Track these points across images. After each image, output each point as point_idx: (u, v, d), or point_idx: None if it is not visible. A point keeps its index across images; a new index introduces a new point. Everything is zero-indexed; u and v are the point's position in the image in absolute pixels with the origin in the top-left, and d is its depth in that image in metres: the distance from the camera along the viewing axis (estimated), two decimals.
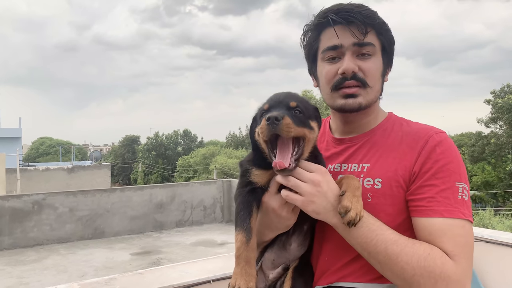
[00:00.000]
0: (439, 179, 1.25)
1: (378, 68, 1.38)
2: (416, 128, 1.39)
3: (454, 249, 1.18)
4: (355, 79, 1.35)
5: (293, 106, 1.25)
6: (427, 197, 1.24)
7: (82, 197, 13.88)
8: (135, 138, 69.55)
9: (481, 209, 28.64)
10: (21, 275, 10.12)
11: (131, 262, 11.17)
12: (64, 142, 67.89)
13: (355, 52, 1.35)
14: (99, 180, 25.40)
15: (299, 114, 1.24)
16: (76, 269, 10.46)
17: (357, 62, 1.35)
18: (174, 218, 15.48)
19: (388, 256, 1.16)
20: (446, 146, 1.30)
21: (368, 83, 1.36)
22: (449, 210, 1.21)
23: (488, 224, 21.16)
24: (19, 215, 12.81)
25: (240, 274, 1.16)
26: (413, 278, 1.14)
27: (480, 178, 38.59)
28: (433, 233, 1.20)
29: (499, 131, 37.82)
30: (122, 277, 2.84)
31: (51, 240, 13.18)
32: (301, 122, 1.23)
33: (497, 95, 37.33)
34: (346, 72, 1.34)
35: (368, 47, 1.35)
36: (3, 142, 27.12)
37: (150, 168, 57.78)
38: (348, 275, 1.32)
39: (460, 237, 1.20)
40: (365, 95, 1.37)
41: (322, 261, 1.38)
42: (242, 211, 1.25)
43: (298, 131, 1.21)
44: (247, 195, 1.28)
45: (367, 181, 1.34)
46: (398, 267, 1.15)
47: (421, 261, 1.14)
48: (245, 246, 1.18)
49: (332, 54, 1.37)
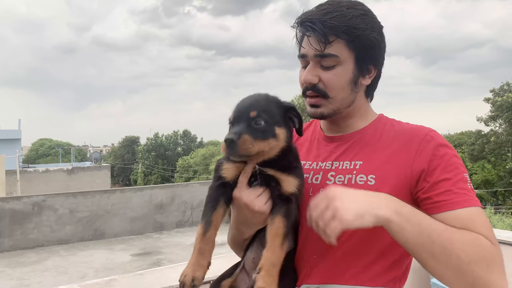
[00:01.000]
0: (449, 172, 1.25)
1: (341, 78, 1.34)
2: (408, 127, 1.39)
3: (487, 233, 1.16)
4: (314, 89, 1.35)
5: (253, 116, 1.20)
6: (444, 191, 1.22)
7: (82, 199, 13.88)
8: (135, 139, 69.52)
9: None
10: (22, 277, 10.13)
11: (131, 263, 11.18)
12: (64, 143, 67.87)
13: (318, 63, 1.34)
14: (99, 181, 25.42)
15: (260, 124, 1.20)
16: (76, 270, 10.47)
17: (319, 72, 1.33)
18: (174, 218, 15.48)
19: (443, 247, 1.10)
20: (442, 142, 1.31)
21: (328, 94, 1.34)
22: (468, 200, 1.21)
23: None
24: (19, 217, 12.81)
25: (191, 264, 1.19)
26: (468, 266, 1.09)
27: (480, 177, 38.60)
28: (465, 222, 1.17)
29: (499, 129, 37.86)
30: (122, 278, 2.84)
31: (51, 242, 13.18)
32: (262, 133, 1.19)
33: (497, 94, 37.35)
34: (304, 83, 1.36)
35: (329, 58, 1.31)
36: (3, 144, 27.12)
37: (150, 169, 57.79)
38: (337, 274, 1.30)
39: (486, 222, 1.20)
40: (327, 105, 1.36)
41: (311, 260, 1.35)
42: (207, 204, 1.26)
43: (259, 147, 1.18)
44: (215, 190, 1.28)
45: (360, 178, 1.32)
46: (454, 256, 1.09)
47: (474, 246, 1.11)
48: (201, 238, 1.20)
49: (302, 61, 1.40)
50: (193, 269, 1.17)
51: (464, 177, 1.25)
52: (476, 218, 1.19)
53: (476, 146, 38.76)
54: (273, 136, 1.21)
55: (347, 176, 1.34)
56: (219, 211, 1.25)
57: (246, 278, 1.39)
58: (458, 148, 43.83)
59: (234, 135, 1.16)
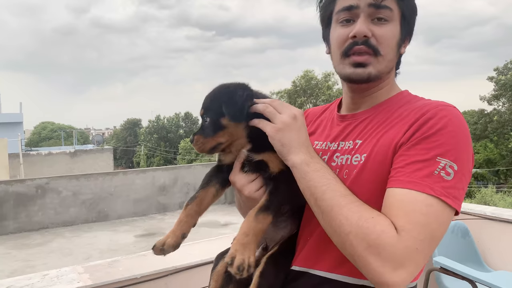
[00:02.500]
0: (416, 149, 1.11)
1: (393, 36, 1.27)
2: (423, 103, 1.24)
3: (405, 225, 1.02)
4: (366, 44, 1.24)
5: (202, 115, 1.31)
6: (397, 167, 1.11)
7: (85, 181, 13.95)
8: (137, 121, 69.49)
9: (483, 187, 28.72)
10: (27, 258, 10.26)
11: (135, 244, 11.30)
12: (66, 126, 67.97)
13: (371, 15, 1.24)
14: (102, 163, 25.50)
15: (207, 120, 1.29)
16: (81, 252, 10.59)
17: (371, 26, 1.24)
18: (177, 200, 15.58)
19: (331, 206, 1.08)
20: (442, 119, 1.13)
21: (380, 51, 1.24)
22: (415, 182, 1.06)
23: (490, 202, 21.25)
24: (23, 200, 12.91)
25: (169, 232, 1.28)
26: (347, 236, 1.05)
27: (482, 156, 38.59)
28: (390, 204, 1.07)
29: (502, 108, 37.65)
30: (125, 259, 2.85)
31: (55, 224, 13.31)
32: (210, 129, 1.28)
33: (500, 72, 37.01)
34: (357, 36, 1.24)
35: (384, 10, 1.23)
36: (5, 127, 27.13)
37: (152, 151, 57.92)
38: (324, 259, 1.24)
39: (419, 215, 1.03)
40: (375, 64, 1.26)
41: (303, 240, 1.32)
42: (201, 183, 1.34)
43: (210, 143, 1.28)
44: (211, 170, 1.37)
45: (355, 158, 1.24)
46: (337, 221, 1.07)
47: (361, 221, 1.03)
48: (183, 210, 1.29)
49: (346, 15, 1.27)
50: (167, 236, 1.27)
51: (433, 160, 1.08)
52: (408, 205, 1.05)
53: (479, 125, 38.63)
54: (221, 128, 1.27)
55: (347, 156, 1.28)
56: (209, 190, 1.32)
57: None
58: None
59: (191, 137, 1.31)
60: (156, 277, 2.60)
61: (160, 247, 1.25)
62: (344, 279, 1.19)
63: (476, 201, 21.54)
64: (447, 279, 3.58)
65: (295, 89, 40.42)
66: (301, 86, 39.97)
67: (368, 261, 1.02)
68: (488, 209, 4.21)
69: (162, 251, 1.25)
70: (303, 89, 39.70)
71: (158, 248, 1.25)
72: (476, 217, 4.08)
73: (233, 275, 1.12)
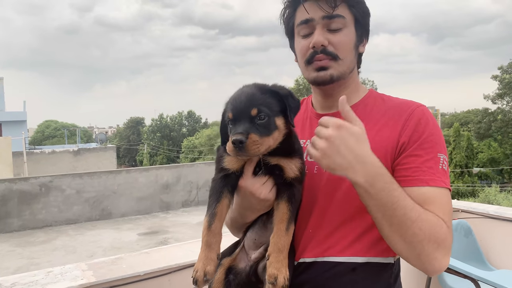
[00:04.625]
0: (423, 149, 1.30)
1: (350, 40, 1.41)
2: (398, 102, 1.43)
3: (444, 217, 1.23)
4: (325, 53, 1.38)
5: (254, 114, 1.20)
6: (413, 167, 1.29)
7: (88, 179, 14.01)
8: (140, 120, 69.63)
9: (487, 186, 28.62)
10: (32, 256, 10.32)
11: (138, 242, 11.34)
12: (69, 125, 68.07)
13: (325, 26, 1.38)
14: (105, 162, 25.56)
15: (263, 119, 1.20)
16: (85, 250, 10.64)
17: (328, 35, 1.38)
18: (180, 198, 15.62)
19: (404, 222, 1.18)
20: (428, 119, 1.35)
21: (338, 55, 1.39)
22: (433, 179, 1.27)
23: (494, 201, 21.18)
24: (27, 198, 12.97)
25: (201, 258, 1.20)
26: (421, 243, 1.18)
27: (486, 155, 38.43)
28: (427, 202, 1.24)
29: (506, 107, 37.49)
30: (128, 256, 2.87)
31: (59, 222, 13.38)
32: (267, 128, 1.20)
33: (505, 71, 36.83)
34: (315, 46, 1.38)
35: (338, 19, 1.37)
36: (9, 126, 27.26)
37: (155, 150, 58.04)
38: (331, 246, 1.34)
39: (446, 205, 1.26)
40: (336, 67, 1.39)
41: (307, 234, 1.39)
42: (211, 197, 1.28)
43: (266, 143, 1.19)
44: (219, 181, 1.29)
45: None
46: (410, 232, 1.18)
47: (432, 227, 1.19)
48: (207, 231, 1.21)
49: (305, 28, 1.41)
50: (204, 264, 1.19)
51: (436, 157, 1.29)
52: (437, 199, 1.25)
53: (483, 124, 38.48)
54: (276, 128, 1.23)
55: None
56: (224, 202, 1.27)
57: (245, 257, 1.41)
58: (465, 126, 43.56)
59: (242, 136, 1.15)
60: (159, 275, 2.61)
61: (204, 278, 1.18)
62: (351, 260, 1.33)
63: (480, 200, 21.49)
64: (450, 278, 3.57)
65: (298, 87, 40.39)
66: (304, 85, 39.91)
67: (433, 256, 1.19)
68: (491, 208, 4.20)
69: (207, 282, 1.19)
70: (306, 87, 39.63)
71: (201, 281, 1.18)
72: (479, 216, 4.07)
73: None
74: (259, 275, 1.35)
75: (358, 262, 1.33)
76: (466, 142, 35.21)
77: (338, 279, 1.33)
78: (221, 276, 1.38)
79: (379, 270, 1.34)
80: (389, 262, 1.36)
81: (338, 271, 1.33)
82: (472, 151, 35.94)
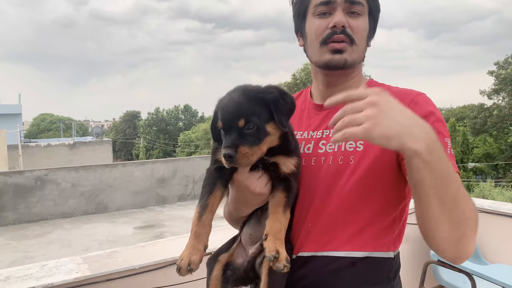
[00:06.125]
0: None
1: (365, 28, 1.42)
2: (397, 90, 1.41)
3: None
4: (344, 33, 1.37)
5: (242, 125, 1.16)
6: None
7: (84, 173, 13.96)
8: (136, 114, 69.36)
9: (482, 181, 28.79)
10: (26, 249, 10.30)
11: (134, 236, 11.34)
12: (65, 118, 67.77)
13: (346, 9, 1.38)
14: (101, 155, 25.49)
15: (252, 128, 1.17)
16: (80, 243, 10.63)
17: (347, 18, 1.38)
18: (176, 192, 15.61)
19: (457, 197, 1.07)
20: (430, 106, 1.34)
21: (355, 40, 1.38)
22: None
23: (488, 196, 21.33)
24: (22, 191, 12.92)
25: (187, 247, 1.20)
26: (466, 221, 1.10)
27: (481, 150, 38.62)
28: None
29: (502, 102, 37.63)
30: (124, 250, 2.86)
31: (54, 215, 13.35)
32: (257, 137, 1.18)
33: (501, 66, 36.94)
34: (337, 26, 1.36)
35: (358, 5, 1.38)
36: (4, 119, 27.06)
37: (151, 144, 57.91)
38: (331, 241, 1.32)
39: (464, 189, 1.17)
40: (351, 52, 1.39)
41: (305, 228, 1.37)
42: (204, 188, 1.28)
43: (258, 152, 1.18)
44: (213, 173, 1.29)
45: (349, 145, 1.35)
46: (460, 209, 1.08)
47: (473, 206, 1.12)
48: (197, 222, 1.21)
49: (324, 8, 1.40)
50: (190, 253, 1.19)
51: (445, 142, 1.26)
52: None
53: (478, 120, 38.65)
54: (267, 134, 1.21)
55: (337, 143, 1.37)
56: (216, 194, 1.27)
57: (243, 252, 1.40)
58: (460, 121, 43.70)
59: (231, 151, 1.14)
60: (155, 268, 2.61)
61: (188, 268, 1.17)
62: (351, 254, 1.31)
63: (475, 195, 21.61)
64: (444, 271, 3.60)
65: (295, 82, 40.32)
66: (301, 79, 39.84)
67: (470, 239, 1.13)
68: (486, 203, 4.22)
69: (191, 271, 1.18)
70: (303, 82, 39.59)
71: (185, 269, 1.17)
72: None
73: (281, 269, 1.13)
74: (257, 271, 1.34)
75: (358, 257, 1.31)
76: (462, 137, 35.35)
77: (337, 274, 1.31)
78: (219, 272, 1.37)
79: (379, 264, 1.33)
80: (389, 257, 1.34)
81: (338, 265, 1.31)
82: (467, 146, 36.09)
